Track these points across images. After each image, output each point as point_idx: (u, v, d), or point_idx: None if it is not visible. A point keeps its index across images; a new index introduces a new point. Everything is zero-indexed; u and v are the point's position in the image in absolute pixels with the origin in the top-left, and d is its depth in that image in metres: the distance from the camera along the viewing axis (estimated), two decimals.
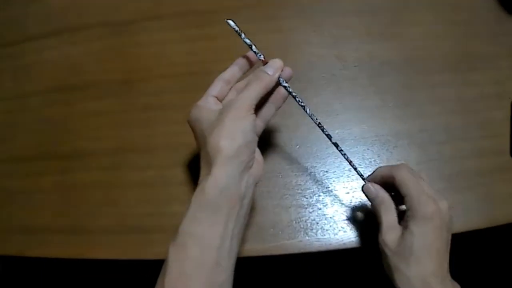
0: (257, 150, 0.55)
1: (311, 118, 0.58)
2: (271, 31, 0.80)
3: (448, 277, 0.52)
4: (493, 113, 0.73)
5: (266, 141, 0.71)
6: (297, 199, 0.68)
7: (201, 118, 0.54)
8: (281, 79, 0.56)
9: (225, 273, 0.49)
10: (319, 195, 0.68)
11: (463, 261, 0.58)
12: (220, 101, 0.57)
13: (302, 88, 0.75)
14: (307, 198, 0.68)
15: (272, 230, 0.67)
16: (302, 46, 0.79)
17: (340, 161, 0.70)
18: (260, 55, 0.57)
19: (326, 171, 0.69)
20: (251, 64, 0.60)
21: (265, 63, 0.57)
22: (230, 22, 0.58)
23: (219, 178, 0.49)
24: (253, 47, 0.57)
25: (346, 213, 0.67)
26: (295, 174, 0.70)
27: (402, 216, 0.56)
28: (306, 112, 0.58)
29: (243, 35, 0.58)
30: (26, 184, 0.74)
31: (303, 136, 0.72)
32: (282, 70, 0.56)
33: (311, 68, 0.77)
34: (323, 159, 0.70)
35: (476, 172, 0.69)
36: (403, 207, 0.55)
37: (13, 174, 0.75)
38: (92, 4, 0.87)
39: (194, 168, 0.69)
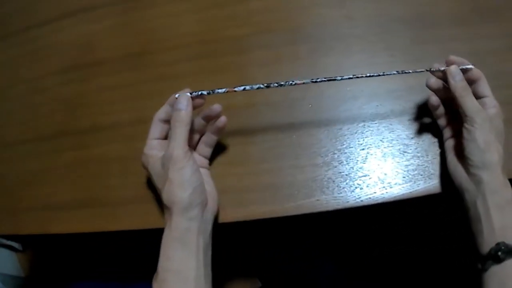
0: (209, 182, 0.63)
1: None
2: None
3: None
4: (506, 64, 0.72)
5: (279, 104, 0.72)
6: (312, 158, 0.68)
7: (150, 167, 0.61)
8: (194, 93, 0.61)
9: None
10: (334, 153, 0.68)
11: None
12: (163, 138, 0.63)
13: (312, 48, 0.75)
14: (322, 156, 0.68)
15: (288, 190, 0.67)
16: (309, 8, 0.79)
17: (354, 117, 0.70)
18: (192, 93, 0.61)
19: (340, 128, 0.69)
20: None
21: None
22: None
23: (180, 223, 0.56)
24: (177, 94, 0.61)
25: (362, 170, 0.67)
26: (309, 134, 0.70)
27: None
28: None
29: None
30: (47, 162, 0.76)
31: (315, 95, 0.72)
32: (191, 98, 0.61)
33: (319, 29, 0.77)
34: (337, 116, 0.70)
35: None
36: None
37: (34, 154, 0.77)
38: None
39: None
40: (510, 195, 0.54)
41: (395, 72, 0.62)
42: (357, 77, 0.61)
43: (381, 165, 0.67)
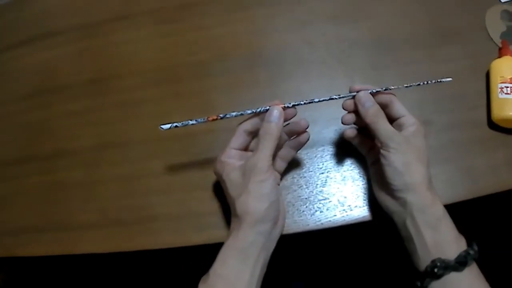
0: (281, 200, 0.61)
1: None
2: (240, 21, 0.82)
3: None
4: (468, 85, 0.73)
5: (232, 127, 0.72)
6: None
7: (225, 175, 0.59)
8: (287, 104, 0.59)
9: None
10: (293, 177, 0.69)
11: None
12: (242, 149, 0.61)
13: (273, 73, 0.76)
14: (281, 180, 0.68)
15: None
16: (270, 34, 0.81)
17: (313, 142, 0.70)
18: (261, 109, 0.59)
19: (299, 153, 0.69)
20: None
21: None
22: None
23: (248, 235, 0.54)
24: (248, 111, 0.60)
25: (322, 193, 0.67)
26: None
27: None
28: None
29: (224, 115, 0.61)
30: (11, 187, 0.76)
31: None
32: (283, 109, 0.59)
33: (279, 54, 0.78)
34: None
35: (455, 144, 0.69)
36: None
37: None
38: (63, 9, 0.90)
39: (169, 160, 0.72)
40: (440, 211, 0.55)
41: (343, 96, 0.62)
42: (332, 99, 0.62)
43: (341, 188, 0.67)
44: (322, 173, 0.69)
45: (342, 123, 0.62)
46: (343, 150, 0.70)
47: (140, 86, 0.79)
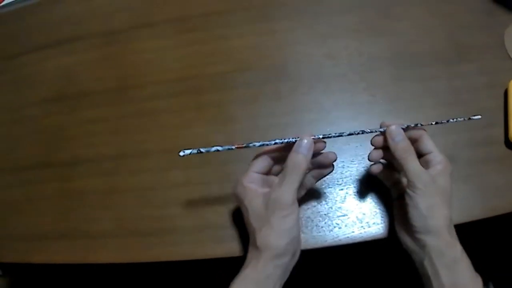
0: (299, 229, 0.59)
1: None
2: (262, 33, 0.82)
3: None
4: (486, 103, 0.73)
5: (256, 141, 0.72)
6: None
7: (247, 202, 0.57)
8: (317, 136, 0.57)
9: None
10: (313, 192, 0.68)
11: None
12: (265, 173, 0.59)
13: (293, 86, 0.76)
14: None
15: None
16: (292, 47, 0.80)
17: None
18: (288, 140, 0.57)
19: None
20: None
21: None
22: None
23: (267, 268, 0.54)
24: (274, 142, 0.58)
25: (341, 209, 0.67)
26: None
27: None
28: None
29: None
30: (28, 193, 0.76)
31: (293, 135, 0.72)
32: (313, 142, 0.56)
33: (301, 67, 0.78)
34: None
35: (471, 162, 0.69)
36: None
37: (15, 184, 0.77)
38: (86, 16, 0.90)
39: (188, 171, 0.72)
40: (458, 252, 0.54)
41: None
42: (363, 132, 0.60)
43: (360, 205, 0.67)
44: (342, 189, 0.68)
45: (369, 159, 0.61)
46: (363, 166, 0.69)
47: (161, 96, 0.78)
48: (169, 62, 0.81)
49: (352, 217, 0.67)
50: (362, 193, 0.68)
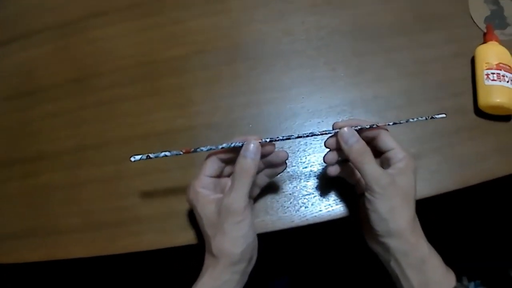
0: (254, 231, 0.58)
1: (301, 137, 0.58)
2: (217, 12, 0.80)
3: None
4: (453, 71, 0.72)
5: (218, 125, 0.71)
6: None
7: (199, 208, 0.56)
8: (264, 139, 0.55)
9: None
10: None
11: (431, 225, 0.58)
12: (216, 176, 0.58)
13: (252, 65, 0.75)
14: None
15: None
16: (249, 25, 0.79)
17: None
18: (235, 144, 0.55)
19: (281, 147, 0.68)
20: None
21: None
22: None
23: (224, 275, 0.53)
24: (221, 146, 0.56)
25: (306, 188, 0.66)
26: None
27: None
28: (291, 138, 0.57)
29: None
30: None
31: (255, 114, 0.71)
32: (259, 145, 0.55)
33: (259, 45, 0.77)
34: (277, 134, 0.69)
35: (441, 133, 0.68)
36: None
37: None
38: (37, 9, 0.88)
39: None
40: (425, 251, 0.53)
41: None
42: (313, 135, 0.57)
43: (325, 183, 0.66)
44: (305, 167, 0.67)
45: (324, 162, 0.58)
46: None
47: (119, 84, 0.77)
48: (126, 49, 0.80)
49: (318, 195, 0.66)
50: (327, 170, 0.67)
